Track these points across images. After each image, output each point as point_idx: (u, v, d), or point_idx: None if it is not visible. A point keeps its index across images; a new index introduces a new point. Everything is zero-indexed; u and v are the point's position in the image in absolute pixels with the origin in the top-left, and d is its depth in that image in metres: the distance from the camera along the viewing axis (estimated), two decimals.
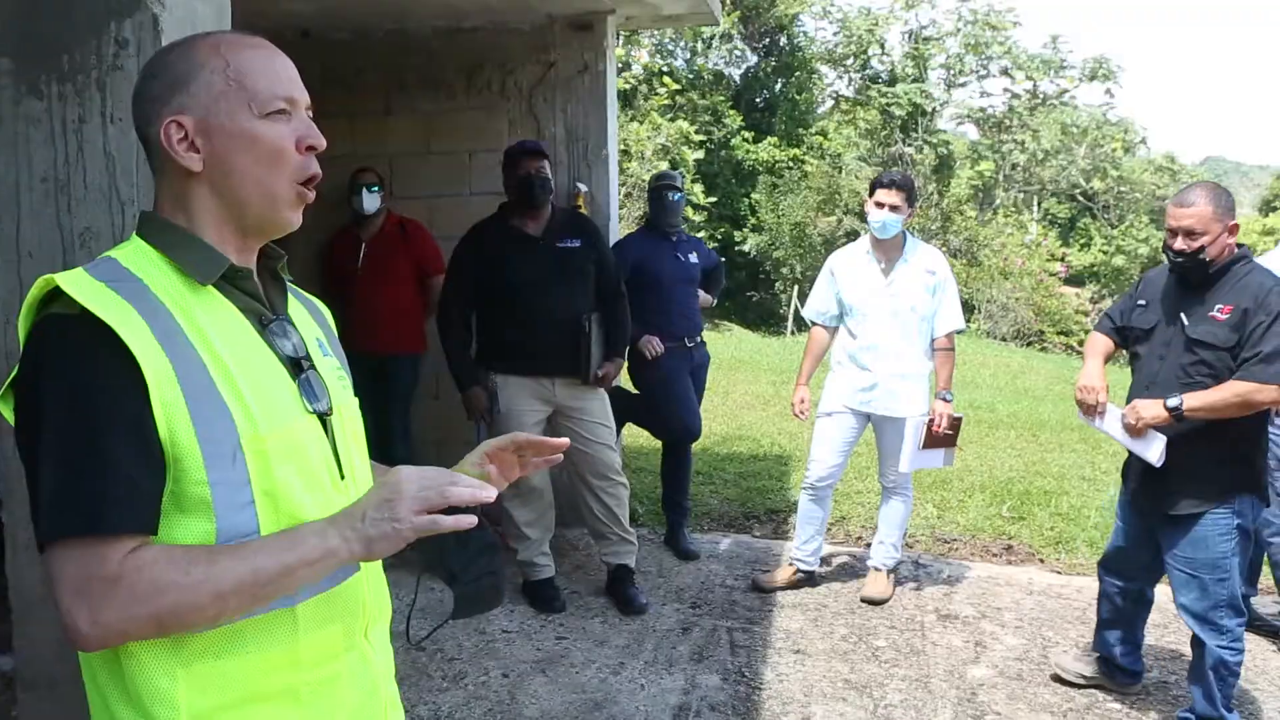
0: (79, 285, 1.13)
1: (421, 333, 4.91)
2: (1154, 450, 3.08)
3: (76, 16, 1.81)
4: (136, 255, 1.22)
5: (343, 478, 1.32)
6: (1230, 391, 2.93)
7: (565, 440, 1.40)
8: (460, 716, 3.29)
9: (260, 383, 1.21)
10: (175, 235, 1.23)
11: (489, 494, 1.20)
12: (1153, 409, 3.06)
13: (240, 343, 1.22)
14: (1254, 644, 4.00)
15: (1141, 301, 3.26)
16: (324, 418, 1.31)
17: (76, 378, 1.10)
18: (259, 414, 1.19)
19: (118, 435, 1.10)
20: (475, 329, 4.25)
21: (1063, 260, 22.29)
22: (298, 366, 1.29)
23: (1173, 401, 3.00)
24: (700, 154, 20.91)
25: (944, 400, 4.31)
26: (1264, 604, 4.25)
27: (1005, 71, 26.53)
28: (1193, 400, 2.98)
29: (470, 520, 1.18)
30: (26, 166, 1.84)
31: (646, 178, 16.99)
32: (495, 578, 1.19)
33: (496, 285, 4.07)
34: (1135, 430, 3.12)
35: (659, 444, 5.17)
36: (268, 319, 1.29)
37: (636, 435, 5.96)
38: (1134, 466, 3.26)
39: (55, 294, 1.14)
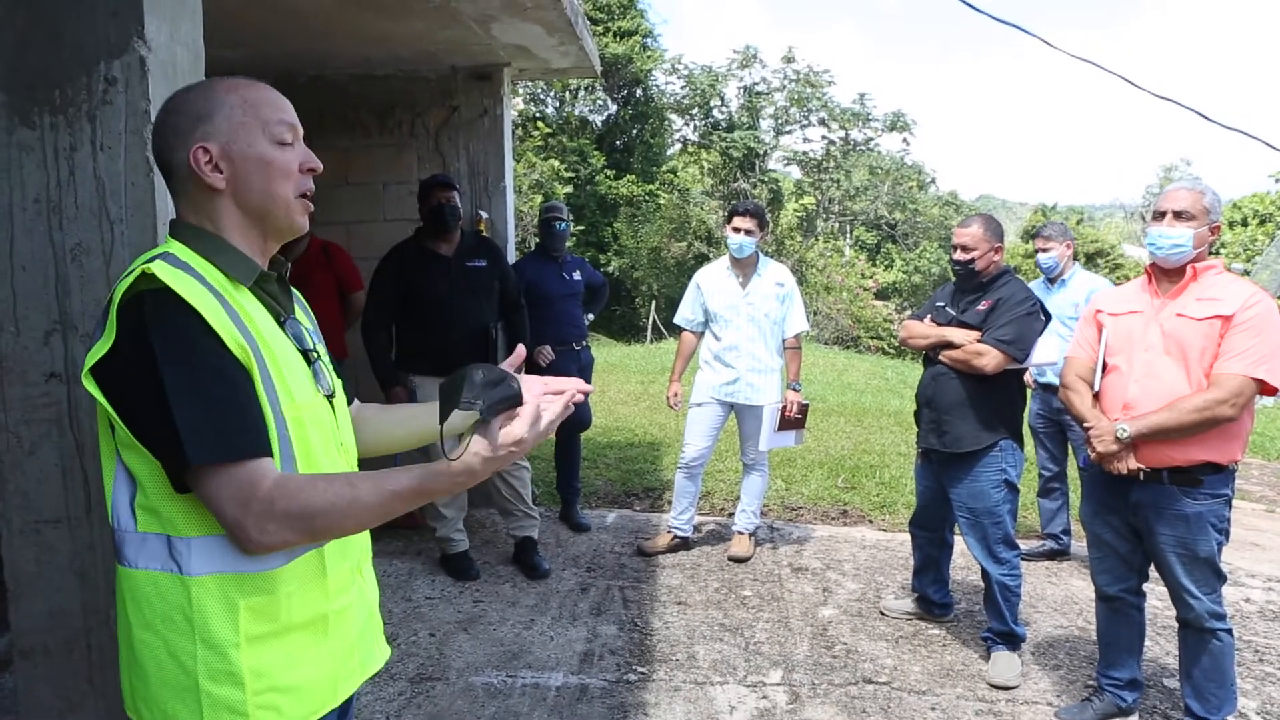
0: (163, 270, 1.15)
1: (343, 342, 4.80)
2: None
3: (65, 56, 1.76)
4: (184, 255, 1.22)
5: (341, 445, 1.37)
6: (972, 342, 3.35)
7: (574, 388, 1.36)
8: (396, 671, 3.27)
9: (290, 365, 1.26)
10: (210, 241, 1.25)
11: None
12: (939, 332, 3.49)
13: (272, 332, 1.26)
14: (1033, 577, 4.37)
15: (940, 303, 3.60)
16: (330, 399, 1.36)
17: (185, 332, 1.12)
18: (294, 389, 1.24)
19: (233, 379, 1.14)
20: (395, 337, 4.21)
21: (872, 278, 23.38)
22: (307, 357, 1.34)
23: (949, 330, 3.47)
24: (569, 188, 21.05)
25: (794, 390, 4.52)
26: (1030, 543, 4.70)
27: (823, 122, 27.73)
28: (952, 335, 3.43)
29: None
30: (20, 188, 1.78)
31: (524, 209, 16.96)
32: (514, 382, 1.14)
33: (415, 299, 4.05)
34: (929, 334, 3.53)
35: (550, 436, 5.20)
36: (283, 317, 1.34)
37: None
38: (924, 415, 3.56)
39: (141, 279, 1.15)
